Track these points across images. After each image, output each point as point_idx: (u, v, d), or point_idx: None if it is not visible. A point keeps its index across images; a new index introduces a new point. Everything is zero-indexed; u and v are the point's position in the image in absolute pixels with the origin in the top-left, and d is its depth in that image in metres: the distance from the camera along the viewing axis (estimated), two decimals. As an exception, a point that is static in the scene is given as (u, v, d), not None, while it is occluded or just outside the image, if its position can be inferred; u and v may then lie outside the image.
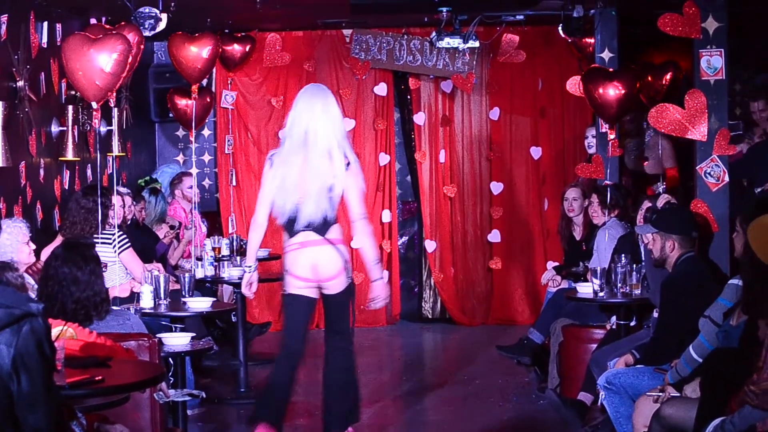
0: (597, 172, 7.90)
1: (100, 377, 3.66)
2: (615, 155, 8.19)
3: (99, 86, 6.07)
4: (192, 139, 9.01)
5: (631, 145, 8.72)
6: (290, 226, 5.57)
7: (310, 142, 5.51)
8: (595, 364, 5.91)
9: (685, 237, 5.45)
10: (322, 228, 5.55)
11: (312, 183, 5.51)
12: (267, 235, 9.56)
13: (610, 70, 7.69)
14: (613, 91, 7.41)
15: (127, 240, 6.56)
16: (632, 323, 6.28)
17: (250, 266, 5.69)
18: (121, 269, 6.55)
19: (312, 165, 5.50)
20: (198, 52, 7.97)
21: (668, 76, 8.81)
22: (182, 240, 8.10)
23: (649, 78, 8.92)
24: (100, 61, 6.01)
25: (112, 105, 7.05)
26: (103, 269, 4.77)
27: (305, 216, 5.52)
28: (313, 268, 5.54)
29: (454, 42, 8.07)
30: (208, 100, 9.10)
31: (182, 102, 8.89)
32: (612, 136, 7.56)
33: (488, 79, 9.88)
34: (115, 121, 7.47)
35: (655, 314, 5.60)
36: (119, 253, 6.50)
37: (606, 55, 8.27)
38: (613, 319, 6.44)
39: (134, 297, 5.93)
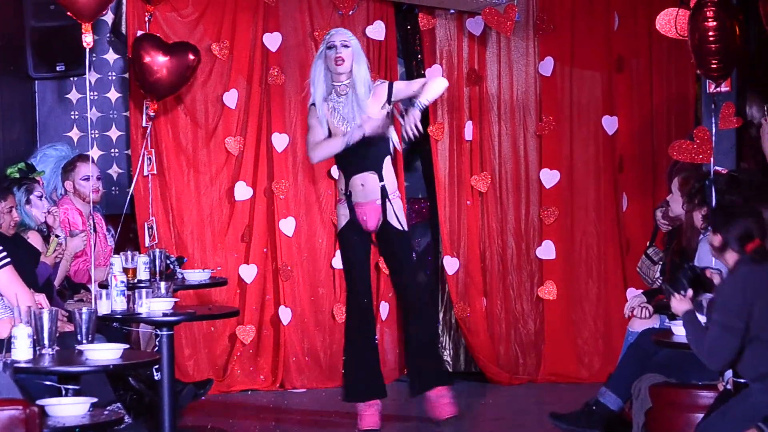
0: (701, 153, 7.84)
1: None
2: (730, 127, 8.13)
3: None
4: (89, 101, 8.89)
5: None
6: None
7: None
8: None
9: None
10: None
11: None
12: (207, 251, 9.75)
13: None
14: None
15: (5, 255, 6.51)
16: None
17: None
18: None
19: None
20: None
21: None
22: (66, 249, 8.06)
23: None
24: None
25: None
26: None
27: None
28: None
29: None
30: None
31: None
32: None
33: (538, 15, 9.90)
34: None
35: None
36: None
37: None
38: (728, 374, 6.39)
39: (3, 344, 5.86)
